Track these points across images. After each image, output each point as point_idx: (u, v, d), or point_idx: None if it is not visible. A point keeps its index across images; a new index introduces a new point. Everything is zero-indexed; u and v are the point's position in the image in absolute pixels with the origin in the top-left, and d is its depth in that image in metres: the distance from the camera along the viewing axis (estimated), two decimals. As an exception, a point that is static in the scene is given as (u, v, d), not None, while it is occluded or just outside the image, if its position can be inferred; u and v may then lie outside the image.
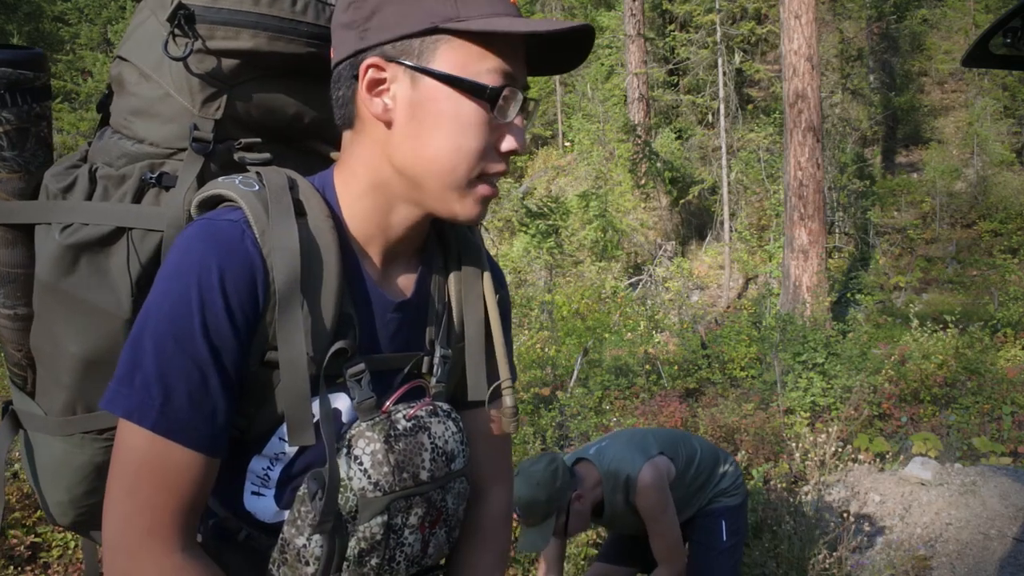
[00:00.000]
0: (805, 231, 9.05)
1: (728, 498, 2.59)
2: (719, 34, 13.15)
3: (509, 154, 0.85)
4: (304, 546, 0.82)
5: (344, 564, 0.83)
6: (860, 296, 10.19)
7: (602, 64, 15.69)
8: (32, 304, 0.96)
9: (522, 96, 0.83)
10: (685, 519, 2.51)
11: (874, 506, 4.01)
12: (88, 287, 0.91)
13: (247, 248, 0.79)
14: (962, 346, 6.51)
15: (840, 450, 4.44)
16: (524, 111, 0.85)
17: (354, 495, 0.82)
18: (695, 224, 13.92)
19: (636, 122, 13.86)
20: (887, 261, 12.23)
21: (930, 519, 3.77)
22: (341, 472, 0.82)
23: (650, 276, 11.54)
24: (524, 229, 12.39)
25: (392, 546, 0.85)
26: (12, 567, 3.09)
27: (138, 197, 0.93)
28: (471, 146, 0.82)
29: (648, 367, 6.35)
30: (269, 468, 0.86)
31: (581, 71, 15.42)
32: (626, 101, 14.59)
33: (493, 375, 0.98)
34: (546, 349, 7.11)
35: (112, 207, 0.92)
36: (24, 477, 2.91)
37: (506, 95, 0.82)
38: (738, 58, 13.69)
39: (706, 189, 13.20)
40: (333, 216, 0.85)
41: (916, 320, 7.20)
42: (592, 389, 5.70)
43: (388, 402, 0.88)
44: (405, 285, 0.93)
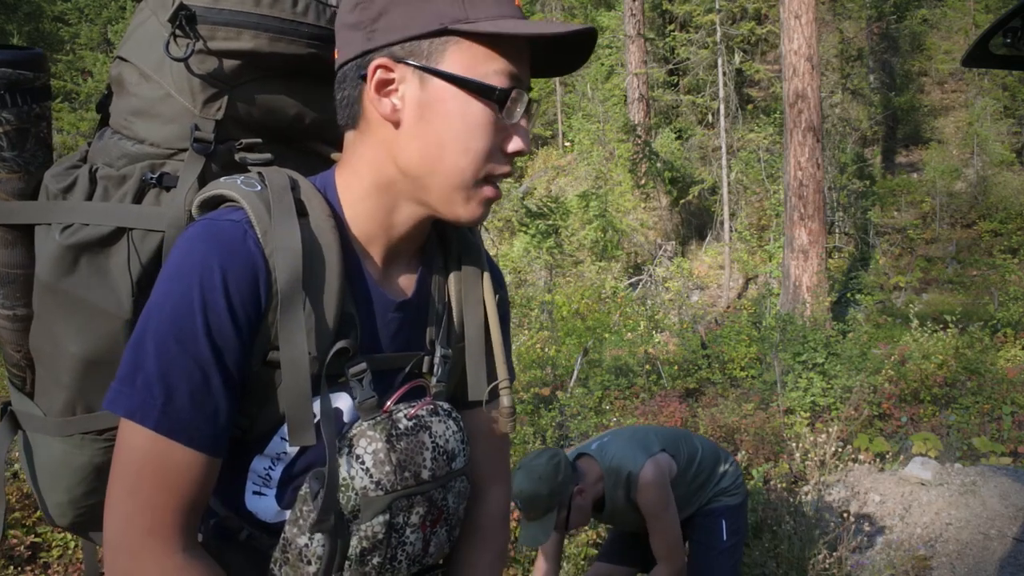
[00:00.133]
0: (805, 231, 9.05)
1: (728, 497, 2.59)
2: (719, 34, 13.15)
3: (515, 155, 0.85)
4: (306, 545, 0.82)
5: (346, 563, 0.83)
6: (860, 296, 10.18)
7: (602, 64, 15.68)
8: (31, 305, 0.96)
9: (527, 98, 0.84)
10: (685, 517, 2.51)
11: (874, 506, 4.01)
12: (88, 287, 0.91)
13: (249, 248, 0.79)
14: (962, 346, 6.51)
15: (840, 450, 4.44)
16: (527, 112, 0.85)
17: (356, 494, 0.82)
18: (695, 224, 13.92)
19: (636, 122, 13.85)
20: (887, 261, 12.22)
21: (930, 519, 3.77)
22: (343, 471, 0.82)
23: (650, 276, 11.54)
24: (524, 229, 12.38)
25: (394, 545, 0.85)
26: (12, 567, 3.09)
27: (139, 197, 0.93)
28: (479, 147, 0.82)
29: (648, 367, 6.34)
30: (270, 468, 0.86)
31: (581, 71, 15.39)
32: (626, 101, 14.59)
33: (492, 375, 0.98)
34: (546, 349, 7.10)
35: (113, 207, 0.92)
36: (24, 477, 2.91)
37: (513, 97, 0.82)
38: (738, 58, 13.69)
39: (706, 189, 13.19)
40: (335, 216, 0.85)
41: (916, 320, 7.19)
42: (592, 389, 5.69)
43: (389, 401, 0.88)
44: (406, 285, 0.93)
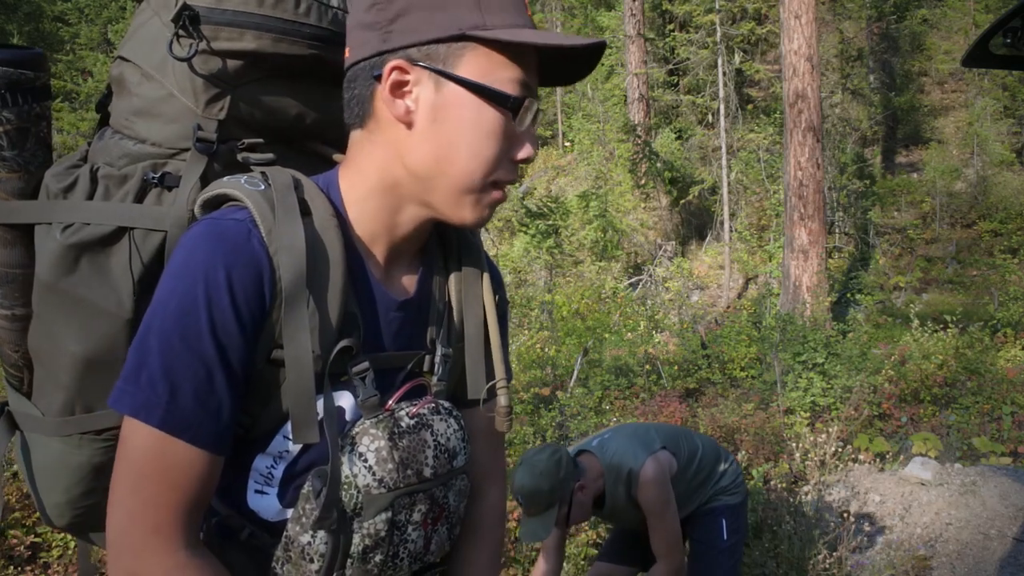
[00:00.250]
0: (805, 231, 9.05)
1: (729, 496, 2.59)
2: (719, 34, 13.15)
3: (522, 162, 0.86)
4: (308, 543, 0.82)
5: (348, 561, 0.83)
6: (860, 296, 10.19)
7: (602, 64, 15.62)
8: (30, 304, 0.96)
9: (536, 106, 0.85)
10: (685, 515, 2.51)
11: (874, 506, 4.01)
12: (89, 287, 0.91)
13: (254, 247, 0.79)
14: (962, 346, 6.52)
15: (840, 450, 4.44)
16: (534, 120, 0.86)
17: (358, 492, 0.82)
18: (695, 224, 13.92)
19: (636, 122, 13.86)
20: (887, 261, 12.23)
21: (930, 519, 3.77)
22: (345, 469, 0.83)
23: (650, 276, 11.54)
24: (524, 229, 12.37)
25: (396, 543, 0.85)
26: (12, 567, 3.09)
27: (140, 197, 0.93)
28: (490, 153, 0.83)
29: (648, 367, 6.34)
30: (273, 466, 0.87)
31: (581, 71, 15.38)
32: (626, 101, 14.60)
33: (490, 374, 0.99)
34: (546, 349, 7.10)
35: (114, 207, 0.92)
36: (24, 477, 2.90)
37: (526, 105, 0.83)
38: (738, 58, 13.69)
39: (706, 189, 13.20)
40: (338, 215, 0.86)
41: (916, 320, 7.19)
42: (592, 389, 5.70)
43: (391, 400, 0.89)
44: (407, 284, 0.93)
